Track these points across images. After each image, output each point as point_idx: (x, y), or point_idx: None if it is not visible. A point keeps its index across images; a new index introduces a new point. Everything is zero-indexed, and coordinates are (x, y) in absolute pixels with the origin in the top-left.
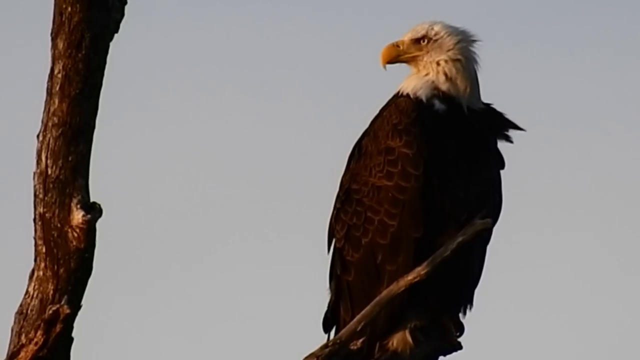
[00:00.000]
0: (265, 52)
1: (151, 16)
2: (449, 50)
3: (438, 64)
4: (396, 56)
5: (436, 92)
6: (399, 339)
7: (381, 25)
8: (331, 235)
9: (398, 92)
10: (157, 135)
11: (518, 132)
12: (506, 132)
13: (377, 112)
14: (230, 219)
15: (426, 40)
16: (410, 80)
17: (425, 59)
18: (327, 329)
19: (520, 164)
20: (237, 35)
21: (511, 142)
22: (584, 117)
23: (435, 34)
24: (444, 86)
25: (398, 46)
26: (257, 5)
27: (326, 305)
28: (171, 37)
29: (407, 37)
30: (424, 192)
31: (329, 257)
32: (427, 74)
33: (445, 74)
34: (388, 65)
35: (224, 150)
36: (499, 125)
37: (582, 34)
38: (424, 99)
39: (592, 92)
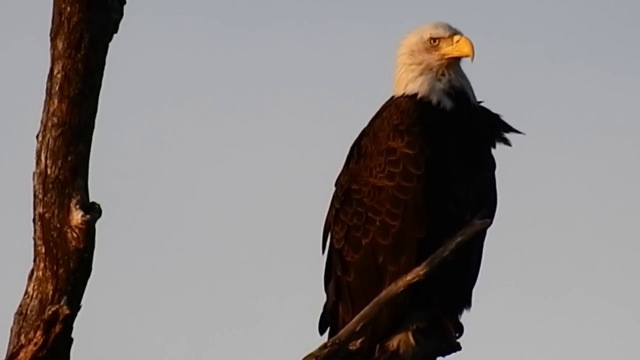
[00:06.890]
0: (263, 51)
1: (150, 16)
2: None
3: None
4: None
5: (448, 90)
6: (402, 341)
7: (379, 25)
8: (326, 235)
9: (402, 93)
10: (156, 135)
11: (516, 135)
12: (504, 135)
13: (374, 112)
14: (230, 219)
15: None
16: (416, 80)
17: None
18: (323, 331)
19: (515, 163)
20: (235, 35)
21: (509, 145)
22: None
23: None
24: (457, 83)
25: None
26: (257, 6)
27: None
28: (170, 38)
29: (445, 34)
30: (426, 192)
31: (324, 258)
32: (442, 71)
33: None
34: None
35: (222, 149)
36: (497, 126)
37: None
38: (434, 98)
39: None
